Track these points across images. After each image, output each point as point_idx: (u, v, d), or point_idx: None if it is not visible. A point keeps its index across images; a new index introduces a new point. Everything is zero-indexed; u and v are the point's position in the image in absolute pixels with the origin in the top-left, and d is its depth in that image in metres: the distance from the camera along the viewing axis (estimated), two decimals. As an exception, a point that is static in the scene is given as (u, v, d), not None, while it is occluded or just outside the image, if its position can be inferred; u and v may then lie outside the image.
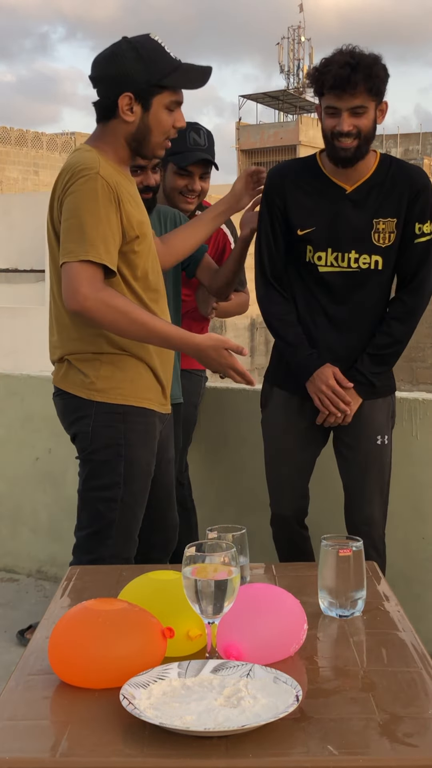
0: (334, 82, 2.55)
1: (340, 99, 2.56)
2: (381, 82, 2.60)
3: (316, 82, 2.62)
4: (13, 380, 4.15)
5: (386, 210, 2.70)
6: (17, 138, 33.23)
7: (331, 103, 2.59)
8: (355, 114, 2.58)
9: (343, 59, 2.56)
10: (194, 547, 1.53)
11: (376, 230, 2.70)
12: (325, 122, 2.64)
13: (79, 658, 1.48)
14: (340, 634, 1.71)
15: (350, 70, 2.54)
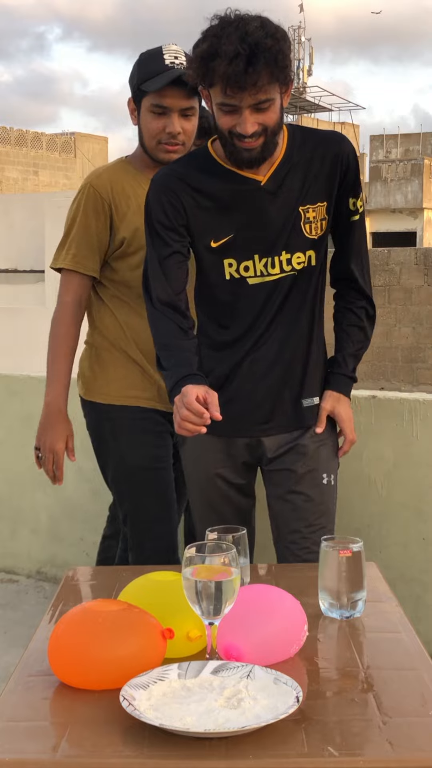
0: (228, 81, 1.98)
1: (237, 97, 2.02)
2: (287, 63, 2.03)
3: (202, 76, 2.05)
4: (13, 380, 4.15)
5: (313, 194, 2.21)
6: (17, 138, 33.22)
7: (225, 101, 2.04)
8: (258, 110, 2.04)
9: (233, 47, 1.96)
10: (194, 548, 1.53)
11: (306, 220, 2.22)
12: (220, 119, 2.09)
13: (79, 659, 1.48)
14: (341, 635, 1.71)
15: (246, 62, 1.96)
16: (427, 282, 16.86)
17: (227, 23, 2.02)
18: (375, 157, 34.55)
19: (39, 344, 6.00)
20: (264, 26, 2.01)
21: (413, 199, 30.16)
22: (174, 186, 2.19)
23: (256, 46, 1.96)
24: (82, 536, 4.00)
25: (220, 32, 2.00)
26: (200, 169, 2.21)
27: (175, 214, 2.19)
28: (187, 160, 2.28)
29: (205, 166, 2.21)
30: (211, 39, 2.00)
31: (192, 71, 2.07)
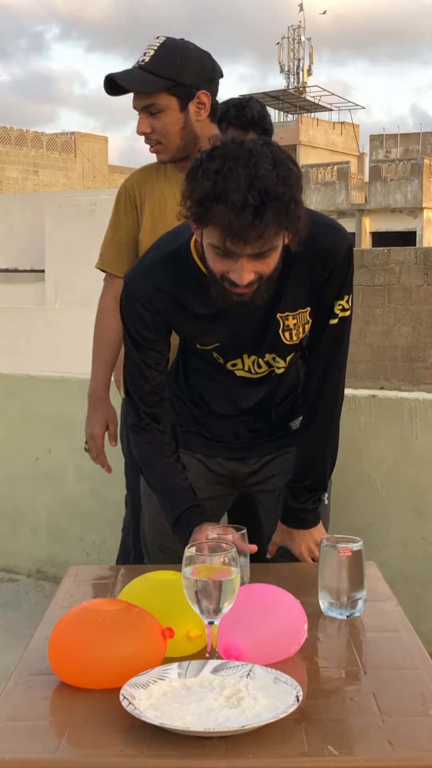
0: (230, 232, 1.72)
1: (236, 246, 1.75)
2: (299, 213, 1.77)
3: (197, 216, 1.77)
4: (13, 380, 4.15)
5: (294, 301, 2.00)
6: (17, 138, 33.23)
7: (221, 246, 1.76)
8: (258, 257, 1.78)
9: (240, 196, 1.67)
10: (194, 548, 1.53)
11: (286, 328, 2.03)
12: (211, 261, 1.82)
13: (79, 658, 1.48)
14: (341, 634, 1.71)
15: (253, 213, 1.68)
16: (426, 281, 16.87)
17: (234, 159, 1.71)
18: (375, 156, 34.56)
19: (39, 344, 5.93)
20: (276, 166, 1.72)
21: (413, 199, 30.18)
22: (152, 298, 1.98)
23: (266, 194, 1.69)
24: (82, 535, 4.01)
25: (226, 172, 1.70)
26: (181, 279, 1.97)
27: (155, 324, 2.02)
28: (166, 267, 1.98)
29: (187, 275, 1.96)
30: (215, 178, 1.71)
31: (185, 208, 1.78)
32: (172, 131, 2.40)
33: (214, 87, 2.44)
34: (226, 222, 1.70)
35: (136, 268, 2.04)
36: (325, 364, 2.11)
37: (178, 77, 2.36)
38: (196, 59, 2.39)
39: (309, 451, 2.17)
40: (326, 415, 2.15)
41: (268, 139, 1.85)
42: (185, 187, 1.77)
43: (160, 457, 2.11)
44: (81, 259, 16.13)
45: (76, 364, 2.77)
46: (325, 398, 2.13)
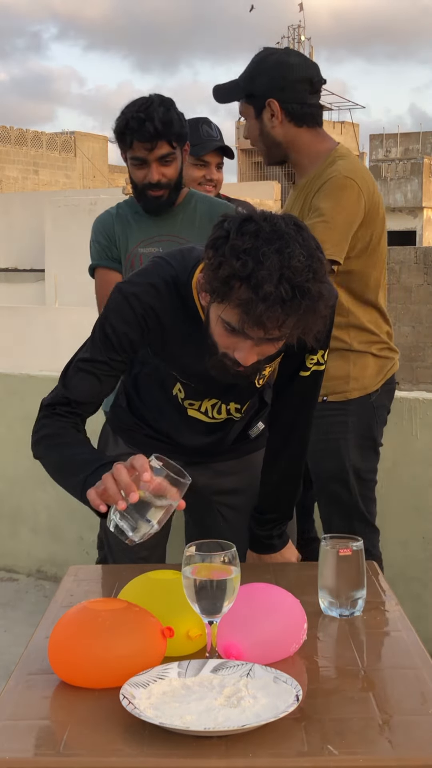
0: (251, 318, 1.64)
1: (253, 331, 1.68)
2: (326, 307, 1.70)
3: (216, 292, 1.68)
4: (13, 380, 4.15)
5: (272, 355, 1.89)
6: (17, 137, 33.22)
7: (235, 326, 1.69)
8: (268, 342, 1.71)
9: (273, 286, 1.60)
10: (194, 547, 1.53)
11: (261, 376, 2.02)
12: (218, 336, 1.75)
13: (79, 658, 1.47)
14: (340, 633, 1.71)
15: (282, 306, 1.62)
16: (426, 281, 16.86)
17: (266, 242, 1.62)
18: (375, 156, 34.55)
19: (39, 344, 5.92)
20: (309, 257, 1.64)
21: (413, 198, 30.17)
22: (144, 312, 1.89)
23: (298, 289, 1.61)
24: (81, 535, 4.01)
25: (257, 255, 1.61)
26: (176, 308, 1.90)
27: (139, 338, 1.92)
28: (168, 289, 1.90)
29: (182, 306, 1.90)
30: (244, 258, 1.61)
31: (204, 278, 1.70)
32: (252, 137, 2.67)
33: (287, 94, 2.56)
34: (252, 309, 1.62)
35: (141, 277, 1.93)
36: (295, 410, 2.08)
37: (250, 88, 2.61)
38: (266, 70, 2.58)
39: (274, 489, 2.15)
40: (293, 458, 2.13)
41: (298, 220, 1.71)
42: (208, 256, 1.68)
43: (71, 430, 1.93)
44: (81, 259, 16.12)
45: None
46: (292, 444, 2.11)
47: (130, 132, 2.72)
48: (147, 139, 2.70)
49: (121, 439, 2.28)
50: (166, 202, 2.82)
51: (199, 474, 2.23)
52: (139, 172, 2.78)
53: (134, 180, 2.82)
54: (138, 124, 2.69)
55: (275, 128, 2.59)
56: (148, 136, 2.69)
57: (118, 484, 1.63)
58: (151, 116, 2.69)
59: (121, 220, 2.91)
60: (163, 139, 2.71)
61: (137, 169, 2.78)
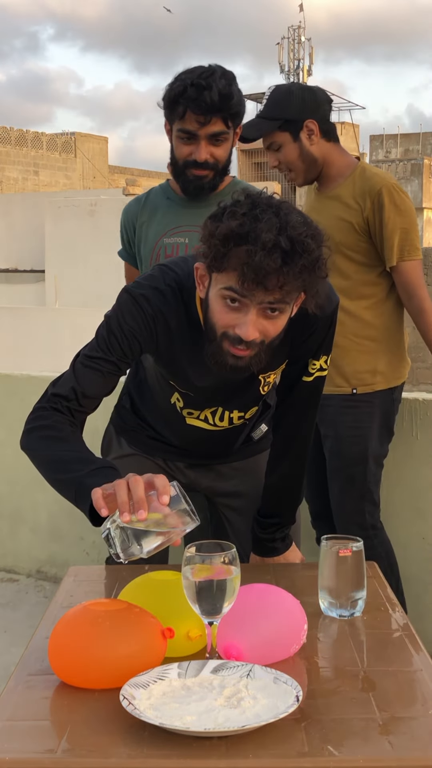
0: (252, 273, 1.63)
1: (254, 291, 1.67)
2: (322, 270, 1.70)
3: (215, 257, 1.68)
4: (13, 380, 4.15)
5: (277, 359, 1.94)
6: (17, 138, 33.23)
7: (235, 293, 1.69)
8: (268, 314, 1.71)
9: (272, 236, 1.61)
10: (194, 548, 1.53)
11: (266, 384, 2.03)
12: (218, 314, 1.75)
13: (79, 659, 1.47)
14: (340, 634, 1.71)
15: (282, 257, 1.62)
16: (427, 281, 16.84)
17: (265, 206, 1.66)
18: (375, 157, 34.56)
19: (39, 344, 5.93)
20: (306, 222, 1.67)
21: (413, 199, 30.05)
22: (154, 315, 1.87)
23: (297, 243, 1.62)
24: (81, 535, 4.01)
25: (256, 214, 1.63)
26: (180, 314, 1.88)
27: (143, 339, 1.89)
28: (174, 295, 1.88)
29: (185, 317, 1.88)
30: (243, 219, 1.63)
31: (202, 250, 1.71)
32: (292, 159, 2.82)
33: (320, 113, 2.81)
34: (252, 262, 1.60)
35: (148, 281, 1.91)
36: (299, 415, 2.08)
37: (284, 115, 2.77)
38: (296, 95, 2.80)
39: (277, 493, 2.15)
40: (296, 461, 2.13)
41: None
42: (204, 231, 1.69)
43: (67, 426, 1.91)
44: (81, 259, 16.15)
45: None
46: (295, 447, 2.12)
47: (185, 100, 2.43)
48: (203, 111, 2.43)
49: (124, 440, 2.28)
50: (208, 184, 2.57)
51: (202, 476, 2.23)
52: (185, 147, 2.52)
53: (176, 155, 2.56)
54: (196, 92, 2.41)
55: (314, 146, 2.81)
56: (205, 108, 2.42)
57: (131, 495, 1.56)
58: (210, 86, 2.41)
59: (148, 207, 2.70)
60: (219, 114, 2.45)
61: (184, 143, 2.52)
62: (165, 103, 2.50)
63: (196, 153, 2.51)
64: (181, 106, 2.45)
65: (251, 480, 2.23)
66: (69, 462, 1.81)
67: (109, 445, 2.32)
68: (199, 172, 2.54)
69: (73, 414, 1.92)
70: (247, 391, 2.01)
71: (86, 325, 2.65)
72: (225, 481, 2.27)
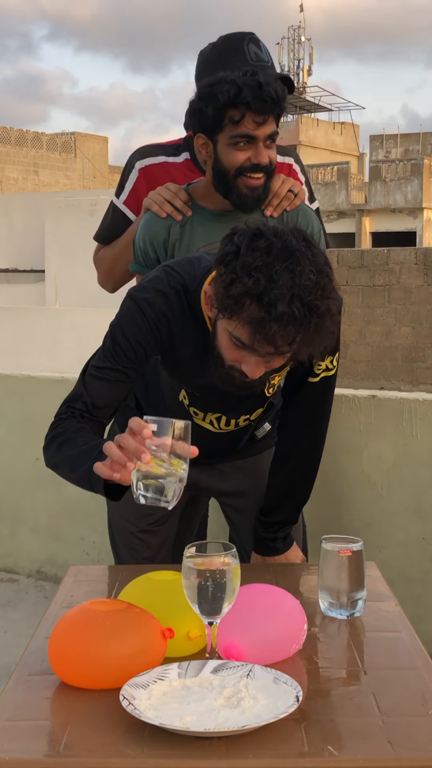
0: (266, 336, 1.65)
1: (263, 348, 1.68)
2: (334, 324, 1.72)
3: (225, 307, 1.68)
4: (13, 380, 4.15)
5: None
6: (17, 138, 33.24)
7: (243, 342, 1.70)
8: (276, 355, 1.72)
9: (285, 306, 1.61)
10: (194, 548, 1.53)
11: (270, 385, 2.02)
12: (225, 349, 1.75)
13: (79, 659, 1.48)
14: (340, 634, 1.71)
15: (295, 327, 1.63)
16: (426, 282, 16.86)
17: (277, 259, 1.63)
18: (375, 156, 34.57)
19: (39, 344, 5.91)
20: (318, 274, 1.65)
21: (413, 199, 30.19)
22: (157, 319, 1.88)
23: (309, 309, 1.63)
24: (82, 535, 4.01)
25: (268, 273, 1.62)
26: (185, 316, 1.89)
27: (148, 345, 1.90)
28: (178, 297, 1.89)
29: (191, 319, 1.89)
30: (256, 276, 1.62)
31: (214, 294, 1.72)
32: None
33: None
34: (265, 328, 1.63)
35: (152, 283, 1.90)
36: (305, 415, 2.07)
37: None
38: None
39: (280, 493, 2.14)
40: (303, 461, 2.12)
41: (307, 235, 1.70)
42: (219, 272, 1.68)
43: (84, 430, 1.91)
44: (81, 260, 16.14)
45: (76, 364, 2.74)
46: (303, 447, 2.10)
47: (244, 103, 2.12)
48: (263, 110, 2.14)
49: None
50: (263, 193, 2.26)
51: (204, 475, 2.23)
52: (241, 153, 2.19)
53: (226, 165, 2.20)
54: (253, 92, 2.11)
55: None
56: (265, 107, 2.14)
57: (124, 451, 1.60)
58: (267, 81, 2.13)
59: (187, 219, 2.32)
60: (273, 112, 2.17)
61: (239, 150, 2.19)
62: (209, 113, 2.17)
63: (256, 156, 2.19)
64: (242, 108, 2.15)
65: (253, 479, 2.23)
66: (76, 458, 1.83)
67: None
68: (256, 175, 2.21)
69: (91, 419, 1.94)
70: (252, 395, 1.99)
71: (86, 325, 2.66)
72: (227, 480, 2.27)
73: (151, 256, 2.32)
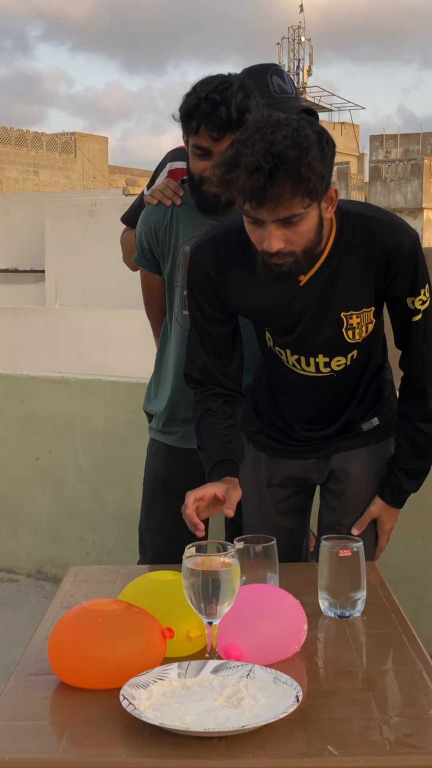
0: (247, 194, 1.79)
1: (257, 211, 1.82)
2: (311, 175, 1.78)
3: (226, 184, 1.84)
4: (13, 380, 4.15)
5: (359, 298, 2.01)
6: (17, 138, 33.25)
7: (247, 211, 1.85)
8: (285, 225, 1.83)
9: (254, 159, 1.75)
10: (194, 548, 1.53)
11: (349, 326, 2.04)
12: (249, 233, 1.90)
13: (79, 659, 1.47)
14: (340, 634, 1.71)
15: (266, 176, 1.75)
16: (427, 282, 16.85)
17: (256, 130, 1.79)
18: (375, 157, 34.58)
19: (39, 344, 5.91)
20: (295, 134, 1.77)
21: (413, 199, 30.20)
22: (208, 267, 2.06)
23: (279, 158, 1.74)
24: (82, 536, 4.01)
25: (246, 140, 1.78)
26: (240, 256, 2.02)
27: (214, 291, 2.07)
28: (225, 243, 2.05)
29: (244, 254, 2.01)
30: (237, 147, 1.80)
31: (215, 175, 1.87)
32: None
33: None
34: (243, 186, 1.78)
35: (205, 234, 2.11)
36: (421, 361, 2.10)
37: None
38: None
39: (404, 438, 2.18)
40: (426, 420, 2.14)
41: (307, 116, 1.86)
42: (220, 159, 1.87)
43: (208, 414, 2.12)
44: (81, 259, 16.14)
45: (76, 364, 2.74)
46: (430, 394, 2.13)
47: (199, 115, 2.24)
48: (216, 127, 2.23)
49: (251, 446, 2.29)
50: (225, 202, 2.31)
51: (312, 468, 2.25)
52: (199, 162, 2.31)
53: (192, 170, 2.36)
54: (211, 107, 2.21)
55: None
56: (218, 124, 2.22)
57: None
58: (227, 101, 2.21)
59: (174, 212, 2.43)
60: (234, 130, 2.14)
61: (198, 159, 2.32)
62: (180, 116, 2.31)
63: (210, 170, 2.20)
64: (195, 120, 2.25)
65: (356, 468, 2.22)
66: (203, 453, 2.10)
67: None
68: (215, 189, 2.21)
69: (217, 396, 2.13)
70: (327, 328, 2.03)
71: (86, 325, 2.65)
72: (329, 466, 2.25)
73: (145, 245, 2.46)
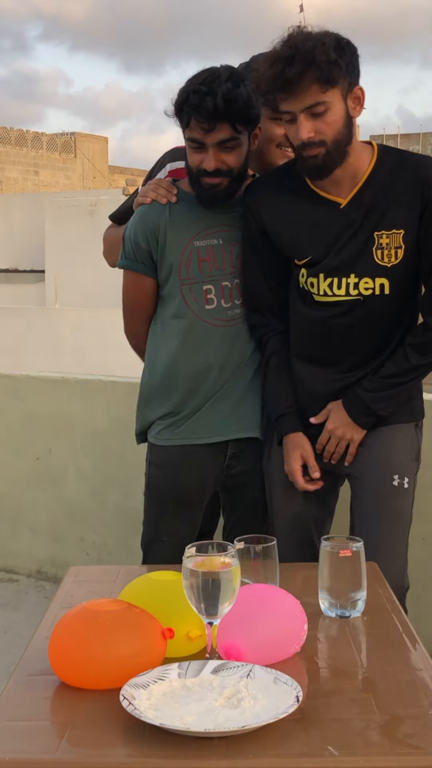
0: (273, 85, 2.09)
1: (285, 102, 2.09)
2: (325, 54, 2.03)
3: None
4: (13, 380, 4.15)
5: (390, 219, 2.16)
6: (17, 138, 33.25)
7: (279, 104, 2.12)
8: (314, 115, 2.08)
9: (274, 52, 2.08)
10: (194, 548, 1.53)
11: (379, 246, 2.19)
12: (287, 131, 2.18)
13: (79, 659, 1.48)
14: (341, 634, 1.71)
15: (284, 63, 2.05)
16: (427, 282, 16.85)
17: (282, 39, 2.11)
18: (375, 156, 34.53)
19: (39, 344, 5.92)
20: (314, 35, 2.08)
21: (413, 199, 30.16)
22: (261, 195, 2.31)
23: (296, 50, 2.04)
24: (82, 536, 4.01)
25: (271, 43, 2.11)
26: (289, 185, 2.26)
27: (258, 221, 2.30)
28: (276, 173, 2.35)
29: (289, 182, 2.26)
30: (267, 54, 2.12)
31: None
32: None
33: None
34: (266, 76, 2.08)
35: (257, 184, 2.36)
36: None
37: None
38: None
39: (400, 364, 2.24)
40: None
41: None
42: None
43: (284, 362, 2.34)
44: (81, 259, 16.15)
45: (76, 364, 2.73)
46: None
47: (188, 108, 2.28)
48: (205, 118, 2.26)
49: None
50: (223, 192, 2.36)
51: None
52: (195, 155, 2.34)
53: (189, 164, 2.39)
54: (198, 99, 2.26)
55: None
56: (206, 115, 2.25)
57: None
58: (214, 91, 2.25)
59: (173, 209, 2.43)
60: (224, 120, 2.26)
61: (194, 152, 2.34)
62: (174, 112, 2.35)
63: (206, 161, 2.32)
64: (185, 114, 2.30)
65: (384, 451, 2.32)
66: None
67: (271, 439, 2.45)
68: (211, 180, 2.33)
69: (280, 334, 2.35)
70: (359, 245, 2.18)
71: (86, 325, 2.65)
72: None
73: (142, 247, 2.42)
